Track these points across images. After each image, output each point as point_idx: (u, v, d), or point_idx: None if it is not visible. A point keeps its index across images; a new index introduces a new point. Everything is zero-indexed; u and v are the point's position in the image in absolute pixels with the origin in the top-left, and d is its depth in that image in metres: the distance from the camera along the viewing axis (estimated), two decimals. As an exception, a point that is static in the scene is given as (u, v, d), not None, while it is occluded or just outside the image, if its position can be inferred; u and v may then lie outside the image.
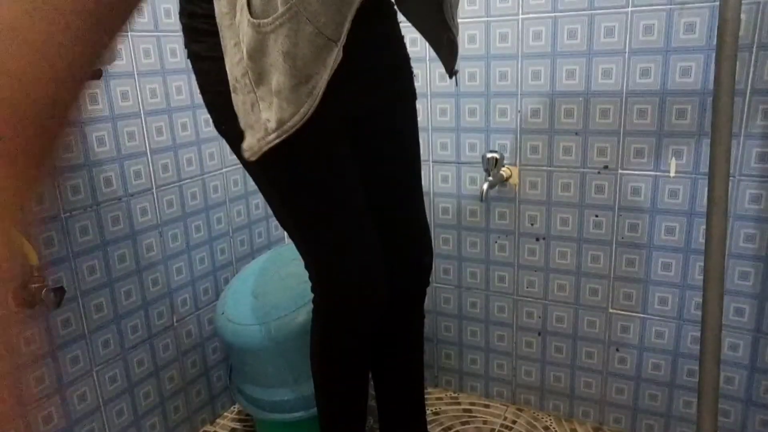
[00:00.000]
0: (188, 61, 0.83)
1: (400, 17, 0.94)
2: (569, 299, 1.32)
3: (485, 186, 1.26)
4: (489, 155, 1.28)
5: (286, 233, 1.63)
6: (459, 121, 1.32)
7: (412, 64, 0.98)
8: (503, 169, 1.29)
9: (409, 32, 0.97)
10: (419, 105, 1.35)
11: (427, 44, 0.94)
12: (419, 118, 1.35)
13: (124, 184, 1.16)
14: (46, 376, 1.05)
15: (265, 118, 0.71)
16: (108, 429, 1.18)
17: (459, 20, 1.13)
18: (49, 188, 1.02)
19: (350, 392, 1.00)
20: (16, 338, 0.27)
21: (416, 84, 1.01)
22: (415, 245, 1.03)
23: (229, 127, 0.77)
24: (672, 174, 1.16)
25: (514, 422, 1.40)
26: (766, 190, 1.09)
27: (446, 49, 0.90)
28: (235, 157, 1.40)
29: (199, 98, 1.29)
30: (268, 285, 1.27)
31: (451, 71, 0.93)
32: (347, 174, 0.84)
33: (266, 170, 0.81)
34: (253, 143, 0.73)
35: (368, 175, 0.91)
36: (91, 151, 1.09)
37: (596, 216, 1.25)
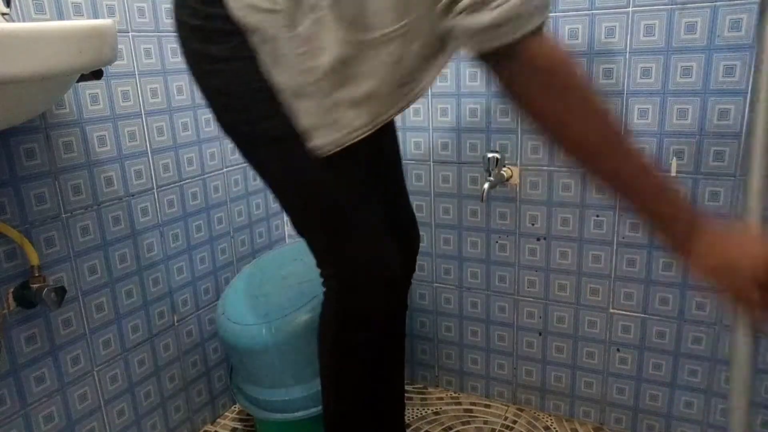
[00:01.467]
0: (193, 61, 0.82)
1: None
2: (570, 299, 1.32)
3: (486, 186, 1.26)
4: (490, 155, 1.28)
5: (288, 232, 1.63)
6: (459, 121, 1.32)
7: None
8: (504, 169, 1.29)
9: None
10: (420, 105, 1.35)
11: None
12: (420, 118, 1.36)
13: (124, 184, 1.16)
14: (47, 375, 1.05)
15: (351, 116, 0.75)
16: (108, 429, 1.18)
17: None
18: (50, 188, 1.02)
19: (364, 390, 1.00)
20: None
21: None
22: (409, 230, 1.11)
23: (249, 128, 0.79)
24: (673, 174, 1.16)
25: (514, 422, 1.40)
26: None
27: None
28: (236, 156, 1.41)
29: (199, 98, 1.29)
30: (269, 285, 1.27)
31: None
32: (366, 161, 0.90)
33: (309, 166, 0.82)
34: (336, 137, 0.76)
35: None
36: (92, 150, 1.09)
37: (597, 216, 1.25)
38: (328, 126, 0.76)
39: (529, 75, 0.63)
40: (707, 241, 0.68)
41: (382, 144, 1.01)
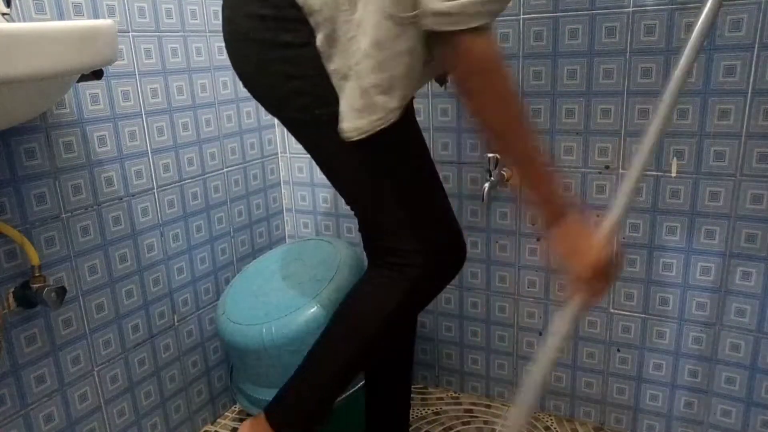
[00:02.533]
0: (260, 50, 0.83)
1: None
2: (570, 299, 1.32)
3: (486, 186, 1.26)
4: (490, 155, 1.28)
5: (288, 233, 1.63)
6: (460, 121, 1.32)
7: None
8: (504, 169, 1.29)
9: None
10: (420, 104, 1.35)
11: None
12: (420, 118, 1.36)
13: (125, 184, 1.16)
14: (47, 375, 1.05)
15: (382, 101, 0.79)
16: (109, 429, 1.18)
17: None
18: (50, 188, 1.02)
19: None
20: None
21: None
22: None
23: (324, 111, 0.82)
24: (673, 174, 1.16)
25: (515, 422, 1.40)
26: (767, 190, 1.09)
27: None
28: (236, 156, 1.41)
29: (199, 98, 1.30)
30: (269, 285, 1.27)
31: (442, 80, 1.06)
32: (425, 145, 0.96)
33: (369, 150, 0.85)
34: (362, 124, 0.80)
35: None
36: (93, 151, 1.09)
37: (597, 216, 1.25)
38: (358, 111, 0.80)
39: (461, 63, 0.76)
40: (565, 228, 0.82)
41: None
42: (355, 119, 0.80)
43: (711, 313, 1.19)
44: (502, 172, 1.29)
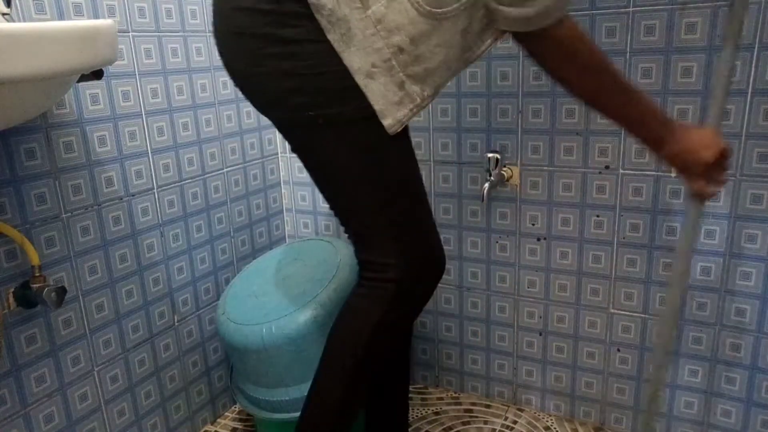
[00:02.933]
0: (255, 46, 0.81)
1: None
2: (570, 299, 1.32)
3: (486, 186, 1.26)
4: (490, 155, 1.28)
5: (288, 233, 1.63)
6: (460, 121, 1.32)
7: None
8: (504, 169, 1.29)
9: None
10: (420, 105, 1.35)
11: None
12: (420, 118, 1.36)
13: (125, 184, 1.16)
14: (47, 375, 1.05)
15: (418, 90, 0.82)
16: (109, 429, 1.18)
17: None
18: (50, 188, 1.02)
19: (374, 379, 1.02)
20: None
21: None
22: None
23: (319, 112, 0.81)
24: (674, 174, 1.16)
25: (515, 422, 1.40)
26: (767, 190, 1.09)
27: None
28: (236, 156, 1.41)
29: (199, 98, 1.30)
30: (269, 285, 1.27)
31: None
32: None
33: (367, 162, 0.85)
34: (403, 114, 0.82)
35: None
36: (93, 151, 1.09)
37: (597, 216, 1.25)
38: (398, 104, 0.82)
39: (556, 49, 0.83)
40: (675, 134, 0.89)
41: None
42: (396, 112, 0.82)
43: (711, 313, 1.19)
44: (502, 172, 1.29)
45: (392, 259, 0.90)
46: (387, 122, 0.82)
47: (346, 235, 0.96)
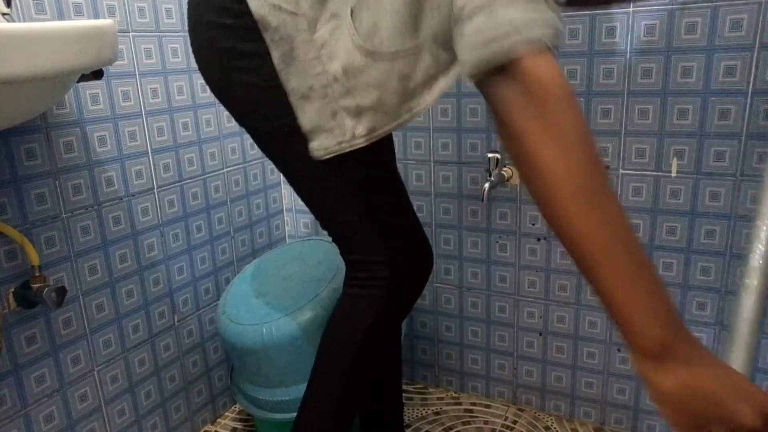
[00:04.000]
0: (221, 59, 0.82)
1: None
2: (570, 299, 1.32)
3: (486, 186, 1.26)
4: (490, 155, 1.28)
5: (288, 232, 1.63)
6: (460, 121, 1.32)
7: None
8: (504, 169, 1.29)
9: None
10: (420, 105, 1.35)
11: None
12: (420, 118, 1.36)
13: (125, 184, 1.16)
14: (47, 375, 1.05)
15: (350, 125, 0.78)
16: (109, 429, 1.18)
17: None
18: (50, 188, 1.02)
19: (370, 383, 1.02)
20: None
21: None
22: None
23: (284, 121, 0.81)
24: (673, 174, 1.16)
25: (515, 422, 1.40)
26: None
27: None
28: (236, 156, 1.41)
29: (199, 98, 1.30)
30: (269, 285, 1.27)
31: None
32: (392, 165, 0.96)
33: (338, 168, 0.84)
34: (330, 144, 0.79)
35: None
36: (93, 151, 1.09)
37: (597, 216, 1.25)
38: (328, 132, 0.79)
39: (521, 95, 0.56)
40: (692, 351, 0.54)
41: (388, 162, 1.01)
42: (323, 138, 0.79)
43: (711, 313, 1.19)
44: (502, 172, 1.29)
45: (380, 257, 0.90)
46: (312, 144, 0.80)
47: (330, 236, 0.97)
